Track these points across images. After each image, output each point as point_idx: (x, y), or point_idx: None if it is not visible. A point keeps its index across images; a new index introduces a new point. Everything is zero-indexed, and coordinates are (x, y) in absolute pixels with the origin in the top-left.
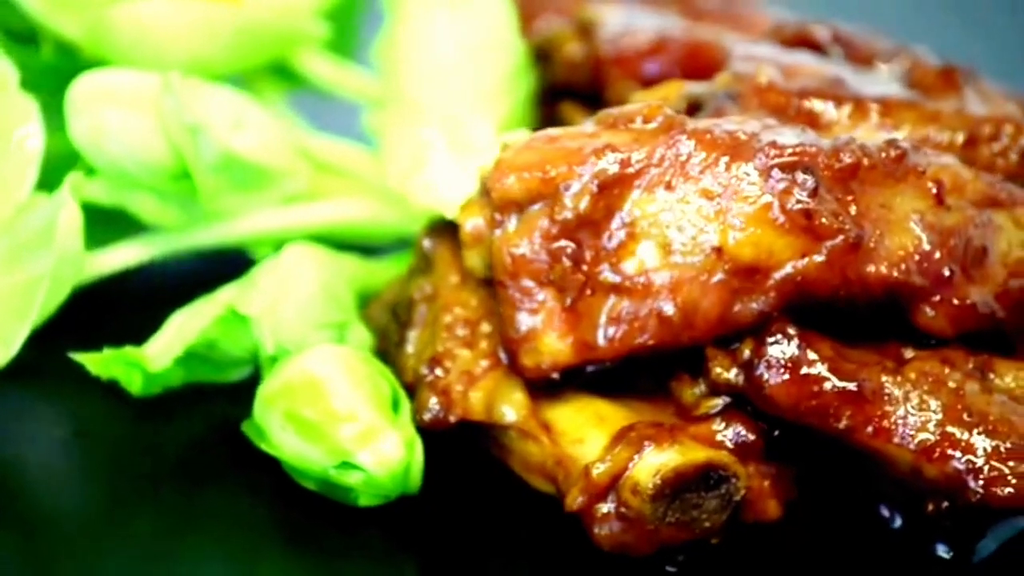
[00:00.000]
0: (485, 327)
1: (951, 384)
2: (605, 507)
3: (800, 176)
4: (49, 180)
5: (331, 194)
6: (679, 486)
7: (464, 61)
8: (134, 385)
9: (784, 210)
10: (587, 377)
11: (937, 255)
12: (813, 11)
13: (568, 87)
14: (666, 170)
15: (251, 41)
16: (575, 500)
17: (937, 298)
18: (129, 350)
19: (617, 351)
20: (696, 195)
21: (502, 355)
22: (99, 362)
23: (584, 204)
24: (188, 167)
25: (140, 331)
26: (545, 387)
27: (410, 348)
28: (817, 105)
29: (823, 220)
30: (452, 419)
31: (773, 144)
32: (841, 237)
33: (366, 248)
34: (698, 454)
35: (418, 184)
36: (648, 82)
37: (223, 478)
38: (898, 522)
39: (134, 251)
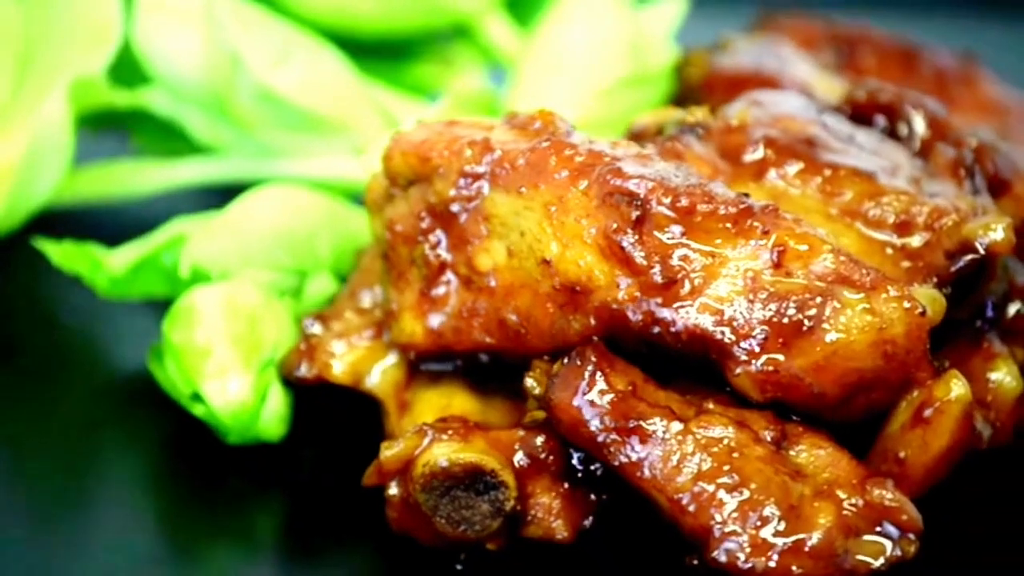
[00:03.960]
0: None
1: (730, 443)
2: (394, 489)
3: (625, 207)
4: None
5: None
6: (448, 482)
7: (585, 57)
8: (100, 286)
9: (605, 236)
10: (472, 367)
11: (753, 316)
12: None
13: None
14: (522, 174)
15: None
16: (368, 476)
17: (744, 358)
18: (91, 248)
19: (465, 345)
20: (539, 204)
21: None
22: (62, 253)
23: (450, 192)
24: (222, 93)
25: None
26: (428, 369)
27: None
28: (769, 155)
29: (637, 255)
30: (307, 375)
31: (617, 171)
32: (651, 275)
33: None
34: (469, 455)
35: (369, 148)
36: None
37: (140, 401)
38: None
39: (187, 170)
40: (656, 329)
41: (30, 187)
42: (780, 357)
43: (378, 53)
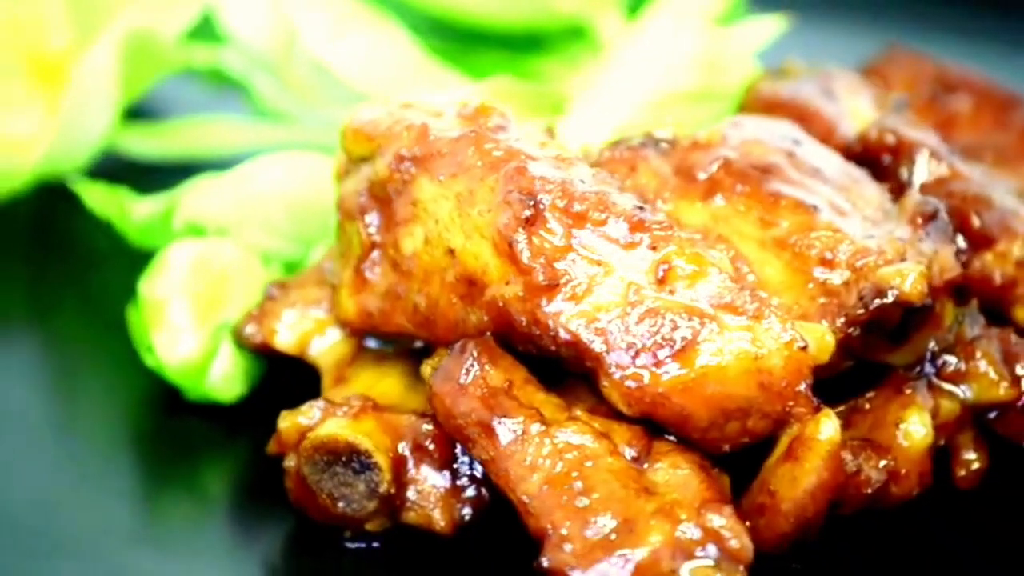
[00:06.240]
0: None
1: (585, 452)
2: (291, 461)
3: (519, 205)
4: None
5: None
6: (327, 457)
7: (650, 66)
8: (130, 233)
9: (499, 232)
10: (414, 351)
11: (628, 329)
12: None
13: None
14: (445, 163)
15: None
16: (270, 446)
17: (613, 371)
18: (123, 195)
19: (390, 327)
20: (452, 194)
21: None
22: (95, 195)
23: (386, 173)
24: (283, 63)
25: None
26: (374, 348)
27: None
28: (720, 177)
29: (524, 254)
30: (253, 340)
31: (521, 169)
32: (535, 275)
33: None
34: (345, 433)
35: None
36: None
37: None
38: None
39: (261, 133)
40: (536, 331)
41: (75, 132)
42: (646, 374)
43: (501, 45)
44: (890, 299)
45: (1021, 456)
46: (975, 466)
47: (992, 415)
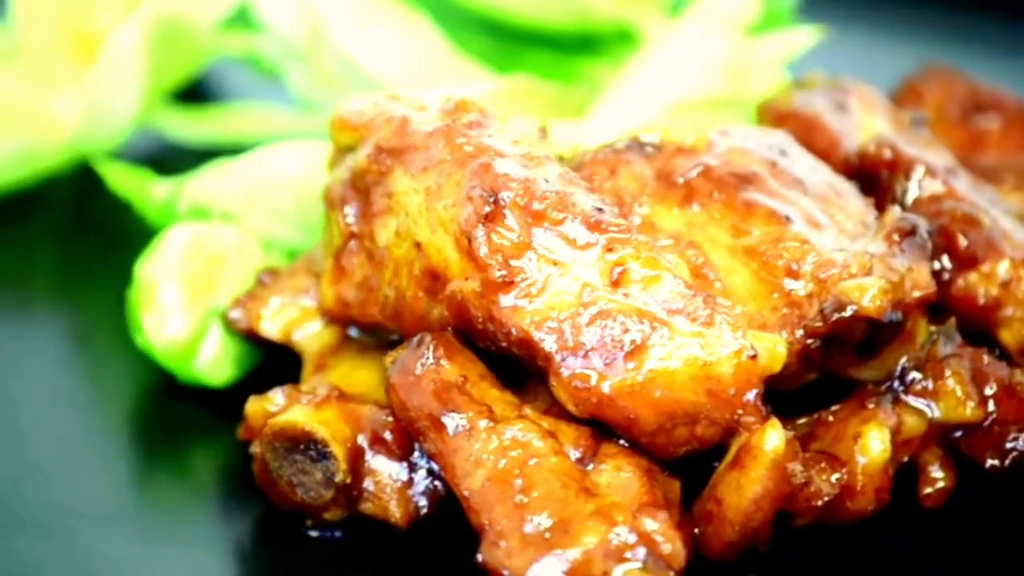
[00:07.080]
0: None
1: (529, 451)
2: (257, 447)
3: (480, 201)
4: None
5: None
6: (286, 444)
7: (673, 71)
8: (150, 214)
9: (459, 227)
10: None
11: (579, 330)
12: None
13: None
14: (419, 156)
15: None
16: (239, 431)
17: (562, 370)
18: (144, 176)
19: (365, 318)
20: (423, 187)
21: None
22: (118, 176)
23: (365, 164)
24: (312, 53)
25: None
26: (359, 339)
27: None
28: (699, 183)
29: (481, 250)
30: (239, 325)
31: (486, 165)
32: (491, 272)
33: None
34: (302, 421)
35: None
36: None
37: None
38: None
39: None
40: (491, 327)
41: (100, 112)
42: (594, 375)
43: (550, 47)
44: (848, 313)
45: (987, 476)
46: (941, 485)
47: (958, 434)
